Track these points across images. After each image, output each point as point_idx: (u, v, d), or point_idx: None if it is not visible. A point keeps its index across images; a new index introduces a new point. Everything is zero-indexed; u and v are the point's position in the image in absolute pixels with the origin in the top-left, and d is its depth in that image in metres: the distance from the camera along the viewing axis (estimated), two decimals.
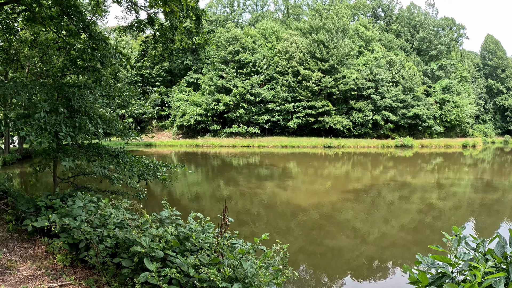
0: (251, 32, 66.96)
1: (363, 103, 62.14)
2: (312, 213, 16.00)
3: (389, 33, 76.41)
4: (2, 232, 7.07)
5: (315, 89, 59.83)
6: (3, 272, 5.67)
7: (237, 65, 62.97)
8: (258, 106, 62.87)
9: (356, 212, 16.31)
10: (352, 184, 24.60)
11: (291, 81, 61.35)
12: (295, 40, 63.32)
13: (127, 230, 5.69)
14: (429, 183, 24.93)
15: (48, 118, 7.23)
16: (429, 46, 73.43)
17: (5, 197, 9.03)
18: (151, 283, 4.55)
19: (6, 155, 31.28)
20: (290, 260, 10.10)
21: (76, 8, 10.24)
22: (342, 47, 61.67)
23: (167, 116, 70.32)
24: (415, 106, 63.52)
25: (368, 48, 68.39)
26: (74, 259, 6.13)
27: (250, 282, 4.37)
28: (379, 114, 62.29)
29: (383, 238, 12.78)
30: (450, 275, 3.33)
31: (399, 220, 15.17)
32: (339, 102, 63.83)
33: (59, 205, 6.88)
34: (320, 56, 60.58)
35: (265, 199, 18.92)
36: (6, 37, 14.31)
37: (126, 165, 9.34)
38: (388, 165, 36.35)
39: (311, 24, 64.09)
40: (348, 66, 63.60)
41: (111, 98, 9.40)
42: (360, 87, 61.71)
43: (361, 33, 69.10)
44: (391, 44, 72.53)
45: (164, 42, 13.53)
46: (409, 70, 64.86)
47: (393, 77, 64.73)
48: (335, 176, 28.47)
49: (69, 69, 10.56)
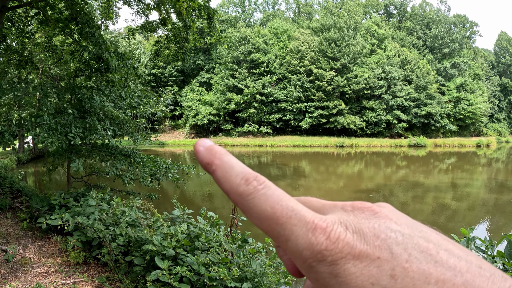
0: (262, 31, 66.93)
1: (376, 102, 61.62)
2: None
3: (401, 31, 75.62)
4: (17, 229, 7.22)
5: (328, 89, 59.56)
6: (17, 269, 5.80)
7: (250, 65, 63.02)
8: (270, 106, 62.82)
9: None
10: (364, 183, 24.45)
11: (304, 80, 61.16)
12: (306, 39, 63.08)
13: (139, 228, 5.77)
14: (443, 183, 24.62)
15: (59, 119, 7.36)
16: (441, 44, 72.42)
17: (19, 196, 9.20)
18: (162, 281, 4.60)
19: (20, 154, 31.82)
20: None
21: (85, 15, 10.36)
22: (354, 45, 61.20)
23: (180, 115, 70.77)
24: (428, 104, 62.72)
25: (381, 46, 67.77)
26: (87, 256, 6.24)
27: (260, 281, 4.39)
28: (391, 114, 61.73)
29: None
30: None
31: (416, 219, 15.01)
32: (351, 101, 63.39)
33: (72, 203, 7.00)
34: (331, 55, 60.25)
35: None
36: (20, 40, 14.59)
37: (138, 165, 9.45)
38: (401, 164, 36.00)
39: (322, 23, 63.75)
40: (360, 65, 63.10)
41: (121, 99, 9.50)
42: (372, 86, 61.20)
43: (373, 31, 68.50)
44: (403, 42, 71.76)
45: (178, 41, 13.66)
46: (423, 69, 64.09)
47: (406, 76, 64.04)
48: (347, 176, 28.32)
49: (82, 70, 10.71)
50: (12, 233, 7.01)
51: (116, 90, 9.49)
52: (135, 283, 5.41)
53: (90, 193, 6.98)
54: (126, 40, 56.89)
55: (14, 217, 7.75)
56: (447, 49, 71.47)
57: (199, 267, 4.61)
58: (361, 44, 62.58)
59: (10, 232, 7.04)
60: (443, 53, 72.68)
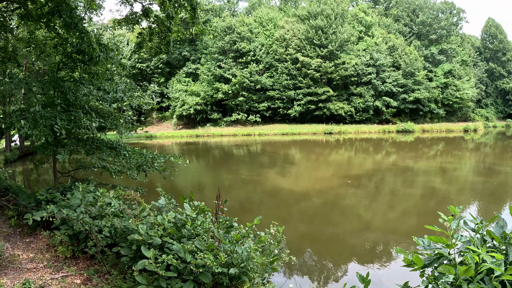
0: (247, 20, 66.38)
1: (363, 88, 61.85)
2: (314, 199, 16.08)
3: (388, 18, 75.62)
4: (5, 227, 7.16)
5: (315, 76, 59.57)
6: (6, 266, 5.76)
7: (236, 54, 62.65)
8: (258, 94, 62.64)
9: (358, 197, 16.38)
10: (354, 170, 24.64)
11: (291, 68, 61.05)
12: (291, 27, 62.80)
13: (125, 219, 5.75)
14: (432, 167, 24.95)
15: (44, 112, 7.26)
16: (429, 31, 72.66)
17: (7, 194, 9.10)
18: (149, 270, 4.60)
19: (7, 153, 31.40)
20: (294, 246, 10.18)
21: (67, 6, 10.16)
22: (341, 32, 61.13)
23: (167, 107, 70.24)
24: (415, 90, 63.17)
25: (368, 33, 67.77)
26: (75, 250, 6.21)
27: (246, 266, 4.42)
28: (380, 100, 62.05)
29: (385, 223, 12.85)
30: (447, 257, 3.30)
31: (402, 205, 15.24)
32: (339, 88, 63.51)
33: (59, 198, 6.94)
34: (318, 42, 60.14)
35: (267, 186, 19.02)
36: (2, 35, 14.27)
37: (125, 157, 9.39)
38: (390, 150, 36.34)
39: (309, 10, 63.43)
40: (348, 52, 63.07)
41: (105, 92, 9.40)
42: (360, 73, 61.36)
43: (360, 18, 68.40)
44: (390, 29, 71.81)
45: (161, 33, 13.49)
46: (410, 55, 64.35)
47: (394, 62, 64.28)
48: (337, 163, 28.50)
49: (65, 63, 10.55)
50: (0, 231, 6.95)
51: (100, 83, 9.37)
52: (123, 274, 5.41)
53: (76, 186, 6.93)
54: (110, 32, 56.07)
55: (1, 215, 7.68)
56: (435, 35, 71.75)
57: (185, 254, 4.63)
58: (348, 31, 62.52)
59: None
60: (431, 40, 72.94)
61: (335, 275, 8.93)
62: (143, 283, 4.57)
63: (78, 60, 9.75)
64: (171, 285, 4.58)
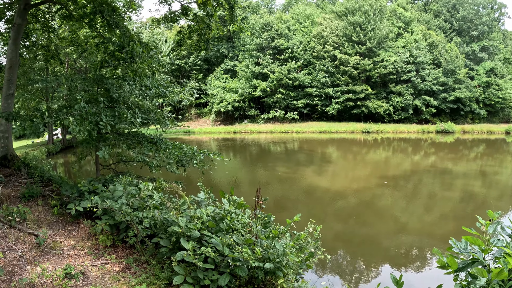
0: (284, 17, 66.14)
1: (403, 86, 60.08)
2: (350, 199, 15.85)
3: (428, 13, 72.92)
4: (48, 216, 7.51)
5: (354, 73, 58.56)
6: (48, 252, 6.06)
7: (273, 51, 62.63)
8: (296, 91, 62.33)
9: (395, 199, 15.98)
10: (391, 170, 24.06)
11: (329, 65, 60.28)
12: (329, 24, 61.92)
13: (165, 211, 5.90)
14: (471, 170, 23.92)
15: (89, 108, 7.56)
16: (469, 27, 69.34)
17: (50, 184, 9.51)
18: (187, 261, 4.71)
19: (50, 145, 33.00)
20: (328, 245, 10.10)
21: (109, 6, 10.54)
22: (380, 29, 59.62)
23: (205, 103, 71.33)
24: (456, 89, 60.59)
25: (407, 29, 65.70)
26: (115, 239, 6.45)
27: (281, 261, 4.43)
28: (420, 99, 60.03)
29: (421, 227, 12.47)
30: (482, 262, 3.19)
31: (439, 209, 14.72)
32: (377, 86, 62.04)
33: (101, 189, 7.21)
34: (357, 39, 59.01)
35: (303, 184, 18.94)
36: (45, 35, 15.00)
37: (165, 152, 9.65)
38: (429, 151, 35.15)
39: (346, 6, 62.33)
40: (387, 49, 61.43)
41: (147, 88, 9.67)
42: (399, 70, 59.62)
43: (399, 14, 66.43)
44: (429, 24, 69.21)
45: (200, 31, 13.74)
46: (451, 52, 61.79)
47: (434, 60, 61.93)
48: (374, 162, 27.92)
49: (107, 61, 10.95)
50: (43, 219, 7.30)
51: (141, 80, 9.67)
52: (161, 264, 5.57)
53: (118, 179, 7.17)
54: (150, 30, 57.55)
55: (45, 204, 8.03)
56: (476, 31, 68.45)
57: (223, 247, 4.70)
58: (387, 27, 60.86)
59: (41, 218, 7.33)
60: (471, 36, 69.70)
61: (367, 276, 8.78)
62: (181, 273, 4.68)
63: (121, 58, 10.11)
64: (208, 277, 4.67)
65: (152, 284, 5.08)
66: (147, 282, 5.08)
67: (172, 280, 4.71)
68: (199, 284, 4.65)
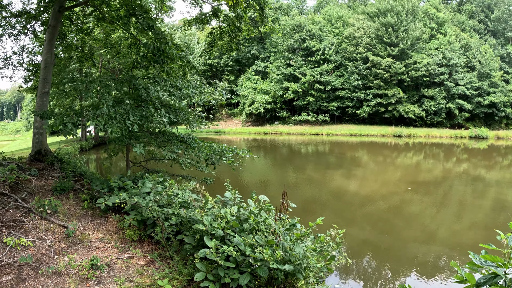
0: (316, 18, 65.67)
1: (435, 90, 58.29)
2: (378, 204, 15.61)
3: (462, 14, 70.44)
4: (78, 209, 7.84)
5: (385, 76, 57.40)
6: (77, 243, 6.34)
7: (305, 52, 62.27)
8: (327, 93, 61.72)
9: (424, 205, 15.61)
10: (422, 175, 23.48)
11: (361, 68, 59.43)
12: (362, 25, 60.95)
13: (191, 209, 6.05)
14: (505, 178, 22.98)
15: (118, 108, 7.84)
16: (504, 28, 66.26)
17: (81, 179, 9.91)
18: (210, 259, 4.82)
19: (82, 142, 34.27)
20: (353, 250, 9.99)
21: (142, 8, 10.85)
22: (413, 30, 58.14)
23: (237, 104, 71.93)
24: (491, 93, 58.14)
25: (440, 31, 63.72)
26: (141, 234, 6.66)
27: (301, 264, 4.46)
28: (453, 102, 58.03)
29: (450, 236, 12.12)
30: (502, 277, 3.09)
31: (469, 218, 14.26)
32: (409, 89, 60.50)
33: (130, 186, 7.47)
34: (389, 41, 57.78)
35: (332, 187, 18.80)
36: (80, 36, 15.59)
37: (194, 150, 9.87)
38: (461, 157, 34.02)
39: (378, 7, 61.13)
40: (419, 51, 59.81)
41: (177, 88, 9.91)
42: (432, 73, 57.88)
43: (432, 15, 64.54)
44: (464, 26, 66.80)
45: (231, 32, 13.95)
46: (486, 55, 59.41)
47: (468, 62, 59.74)
48: (404, 167, 27.32)
49: (139, 62, 11.28)
50: (73, 212, 7.64)
51: (172, 80, 9.91)
52: (185, 260, 5.71)
53: (147, 176, 7.39)
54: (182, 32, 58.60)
55: (76, 198, 8.38)
56: (511, 33, 65.62)
57: (245, 247, 4.78)
58: (420, 29, 59.28)
59: (71, 211, 7.67)
60: (507, 38, 66.78)
61: (390, 284, 8.62)
62: (203, 270, 4.80)
63: (152, 59, 10.41)
64: (229, 275, 4.77)
65: (174, 279, 5.23)
66: (169, 277, 5.24)
67: (194, 277, 4.83)
68: (219, 282, 4.76)
